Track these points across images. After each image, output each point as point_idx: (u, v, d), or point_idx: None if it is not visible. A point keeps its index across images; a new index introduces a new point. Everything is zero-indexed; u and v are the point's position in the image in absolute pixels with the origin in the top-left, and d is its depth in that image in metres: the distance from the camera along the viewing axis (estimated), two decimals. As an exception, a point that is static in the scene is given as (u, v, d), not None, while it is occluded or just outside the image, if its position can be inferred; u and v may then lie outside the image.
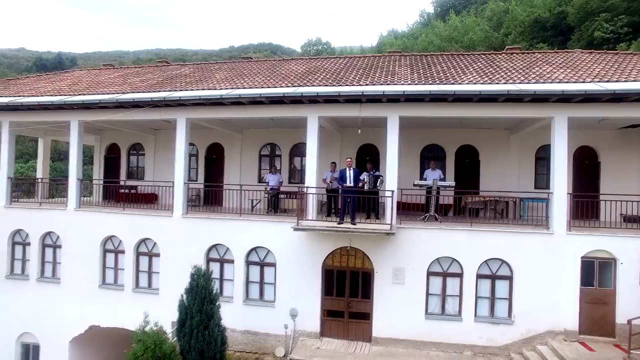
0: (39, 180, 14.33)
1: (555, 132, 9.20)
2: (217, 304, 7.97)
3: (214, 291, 8.05)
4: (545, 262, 9.02)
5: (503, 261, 9.33)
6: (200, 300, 7.65)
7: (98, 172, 16.28)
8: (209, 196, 13.92)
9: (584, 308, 8.82)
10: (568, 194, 9.16)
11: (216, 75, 12.62)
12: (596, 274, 8.97)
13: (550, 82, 9.11)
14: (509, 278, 9.31)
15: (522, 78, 9.59)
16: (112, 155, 16.28)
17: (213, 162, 15.18)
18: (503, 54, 12.95)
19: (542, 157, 12.82)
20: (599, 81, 8.98)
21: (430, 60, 12.44)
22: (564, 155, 9.15)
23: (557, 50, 12.98)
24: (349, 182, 9.37)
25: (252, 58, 15.31)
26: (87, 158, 21.54)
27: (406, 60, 12.74)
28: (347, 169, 9.54)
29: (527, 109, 9.28)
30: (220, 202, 13.32)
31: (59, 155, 32.58)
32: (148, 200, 14.27)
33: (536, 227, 9.45)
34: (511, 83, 9.28)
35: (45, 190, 13.65)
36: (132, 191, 14.54)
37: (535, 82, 9.20)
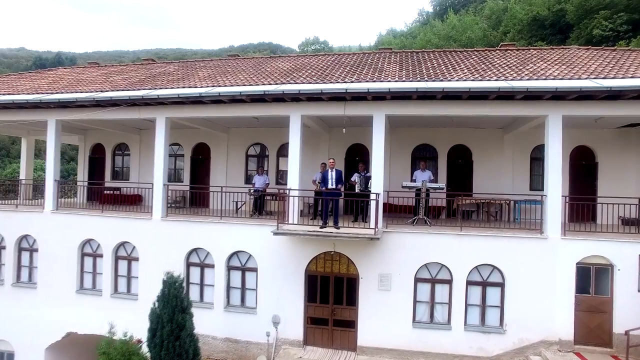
0: (21, 181, 13.94)
1: (549, 131, 8.75)
2: (190, 312, 7.53)
3: (187, 299, 7.60)
4: (538, 268, 8.57)
5: (494, 267, 8.88)
6: (171, 309, 7.22)
7: (82, 173, 15.89)
8: (195, 197, 13.54)
9: (579, 317, 8.36)
10: (562, 196, 8.69)
11: (199, 73, 12.21)
12: (592, 280, 8.51)
13: (544, 79, 8.65)
14: (501, 285, 8.86)
15: (515, 75, 9.14)
16: (96, 156, 15.88)
17: (199, 162, 14.78)
18: (497, 51, 12.50)
19: (538, 158, 12.36)
20: (595, 78, 8.53)
21: (420, 57, 12.00)
22: (558, 156, 8.69)
23: (553, 47, 12.53)
24: (331, 184, 8.94)
25: (239, 56, 14.88)
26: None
27: (396, 57, 12.30)
28: (329, 170, 9.11)
29: (520, 107, 8.83)
30: (207, 203, 12.92)
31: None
32: (132, 201, 13.89)
33: (529, 231, 9.00)
34: (503, 80, 8.83)
35: (29, 192, 13.26)
36: (116, 192, 14.21)
37: (528, 79, 8.75)
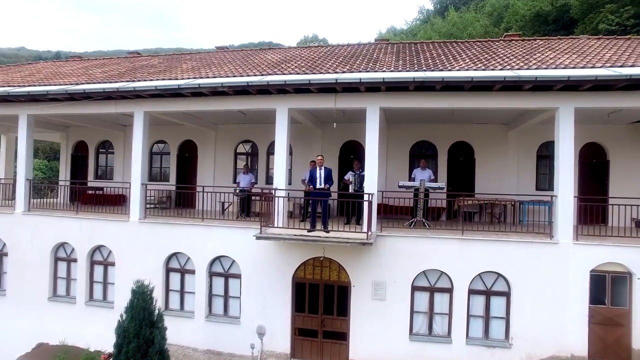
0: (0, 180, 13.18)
1: (559, 125, 7.95)
2: (160, 326, 6.75)
3: (158, 311, 6.83)
4: (548, 276, 7.77)
5: (499, 275, 8.09)
6: (138, 323, 6.44)
7: (65, 172, 15.13)
8: (181, 198, 12.80)
9: (594, 330, 7.56)
10: (575, 197, 7.88)
11: (183, 66, 11.43)
12: (608, 290, 7.70)
13: (554, 68, 7.85)
14: (506, 294, 8.07)
15: (522, 64, 8.34)
16: (79, 154, 15.14)
17: (186, 160, 14.01)
18: (501, 41, 11.70)
19: (545, 156, 11.59)
20: (610, 66, 7.73)
21: (419, 48, 11.22)
22: (570, 153, 7.89)
23: (561, 37, 11.72)
24: (319, 183, 8.15)
25: (228, 48, 14.10)
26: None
27: (393, 48, 11.52)
28: (317, 168, 8.32)
29: (528, 99, 8.04)
30: (193, 204, 12.16)
31: (55, 154, 31.54)
32: (116, 202, 13.16)
33: (538, 235, 8.19)
34: (509, 69, 8.04)
35: (9, 192, 12.50)
36: (99, 192, 13.48)
37: (536, 68, 7.95)
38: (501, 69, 8.13)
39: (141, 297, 6.48)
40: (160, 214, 10.51)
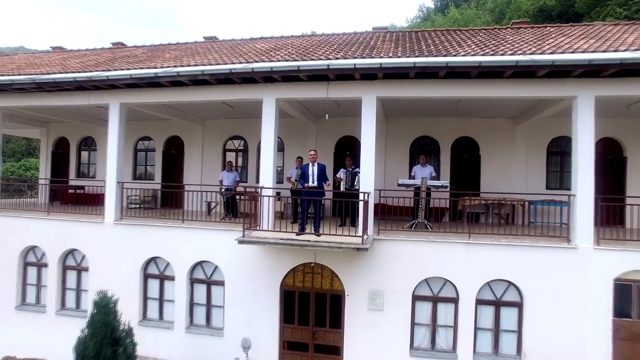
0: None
1: (578, 116, 7.10)
2: (126, 344, 5.92)
3: (123, 326, 5.99)
4: (566, 285, 6.93)
5: (510, 283, 7.25)
6: (99, 341, 5.61)
7: (45, 170, 14.30)
8: (166, 197, 11.97)
9: (618, 347, 6.71)
10: (596, 197, 7.03)
11: (165, 55, 10.62)
12: (635, 301, 6.86)
13: (572, 52, 7.01)
14: (518, 305, 7.23)
15: (535, 49, 7.49)
16: (60, 151, 14.31)
17: (172, 158, 13.19)
18: (508, 29, 10.86)
19: (556, 152, 10.77)
20: (635, 49, 6.89)
21: (420, 35, 10.38)
22: (589, 147, 7.03)
23: (574, 24, 10.87)
24: (312, 181, 7.31)
25: (217, 38, 13.26)
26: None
27: (392, 36, 10.68)
28: (310, 164, 7.47)
29: (542, 87, 7.19)
30: (180, 204, 11.32)
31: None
32: (97, 201, 12.28)
33: (553, 239, 7.36)
34: (520, 54, 7.19)
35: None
36: (79, 191, 12.66)
37: (551, 53, 7.10)
38: (511, 54, 7.29)
39: (103, 310, 5.66)
40: (143, 215, 9.64)
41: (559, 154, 10.76)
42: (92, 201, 12.11)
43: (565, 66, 6.60)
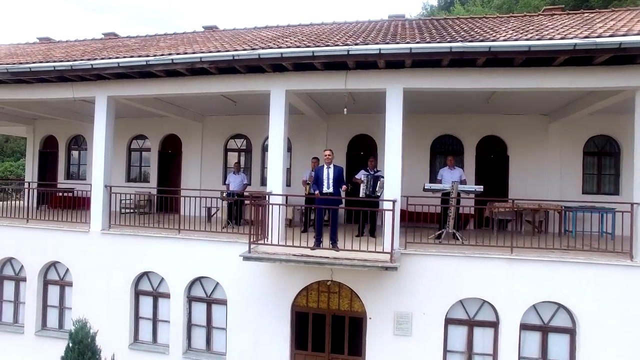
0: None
1: (641, 110, 6.07)
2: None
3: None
4: (628, 309, 5.91)
5: (560, 305, 6.22)
6: (75, 383, 4.56)
7: (31, 171, 13.24)
8: (163, 202, 10.94)
9: (693, 384, 5.70)
10: (664, 205, 6.00)
11: (160, 44, 9.54)
12: None
13: (636, 34, 5.96)
14: (571, 331, 6.20)
15: (588, 33, 6.45)
16: (48, 150, 13.26)
17: (169, 158, 12.14)
18: (540, 16, 9.80)
19: (593, 152, 9.76)
20: None
21: (444, 23, 9.32)
22: (655, 146, 6.01)
23: (615, 9, 9.83)
24: (327, 187, 6.26)
25: (217, 27, 12.19)
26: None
27: (411, 23, 9.62)
28: (325, 166, 6.43)
29: (599, 76, 6.16)
30: (178, 208, 10.25)
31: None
32: (89, 205, 11.27)
33: (610, 255, 6.32)
34: (573, 37, 6.15)
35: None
36: (68, 194, 11.59)
37: (610, 36, 6.06)
38: (561, 39, 6.24)
39: (78, 345, 4.60)
40: (134, 223, 8.54)
41: (596, 154, 9.74)
42: (83, 205, 11.06)
43: (636, 49, 5.56)
